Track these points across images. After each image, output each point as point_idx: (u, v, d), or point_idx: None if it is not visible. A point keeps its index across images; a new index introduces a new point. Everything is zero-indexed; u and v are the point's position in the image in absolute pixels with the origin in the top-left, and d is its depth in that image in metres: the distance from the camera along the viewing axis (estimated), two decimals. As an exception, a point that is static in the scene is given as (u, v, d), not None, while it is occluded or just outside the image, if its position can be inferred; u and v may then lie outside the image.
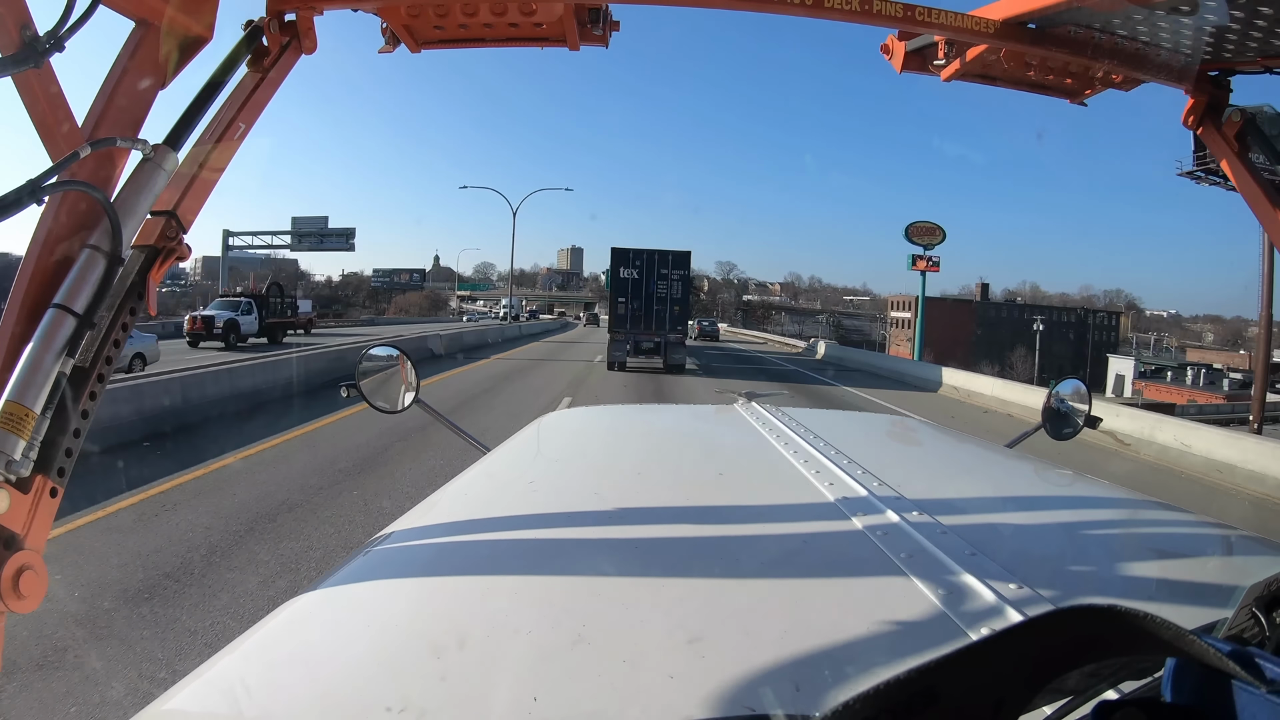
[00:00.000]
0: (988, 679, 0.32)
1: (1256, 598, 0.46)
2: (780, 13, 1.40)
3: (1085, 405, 1.77)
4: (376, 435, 7.74)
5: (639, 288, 17.25)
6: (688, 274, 18.23)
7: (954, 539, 0.82)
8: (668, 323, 17.20)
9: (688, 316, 18.58)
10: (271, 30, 1.17)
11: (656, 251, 17.86)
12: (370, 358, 1.77)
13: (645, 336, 17.00)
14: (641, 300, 17.19)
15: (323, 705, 0.59)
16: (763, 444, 1.35)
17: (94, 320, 0.88)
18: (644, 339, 16.98)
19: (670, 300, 17.29)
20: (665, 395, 13.33)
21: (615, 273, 17.66)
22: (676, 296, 17.39)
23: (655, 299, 17.22)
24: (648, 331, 17.04)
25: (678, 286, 17.47)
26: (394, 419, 3.75)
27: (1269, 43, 1.27)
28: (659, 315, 17.19)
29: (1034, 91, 1.65)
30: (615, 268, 17.71)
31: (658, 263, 17.42)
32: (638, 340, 16.93)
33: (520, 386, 13.72)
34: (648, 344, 17.00)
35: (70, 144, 0.87)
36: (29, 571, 0.78)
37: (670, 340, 17.13)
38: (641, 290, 17.22)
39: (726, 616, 0.69)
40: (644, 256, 17.52)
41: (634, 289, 17.25)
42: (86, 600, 3.68)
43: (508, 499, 1.12)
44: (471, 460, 1.42)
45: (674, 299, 17.34)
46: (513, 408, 10.37)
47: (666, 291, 17.28)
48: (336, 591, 0.83)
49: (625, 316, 17.13)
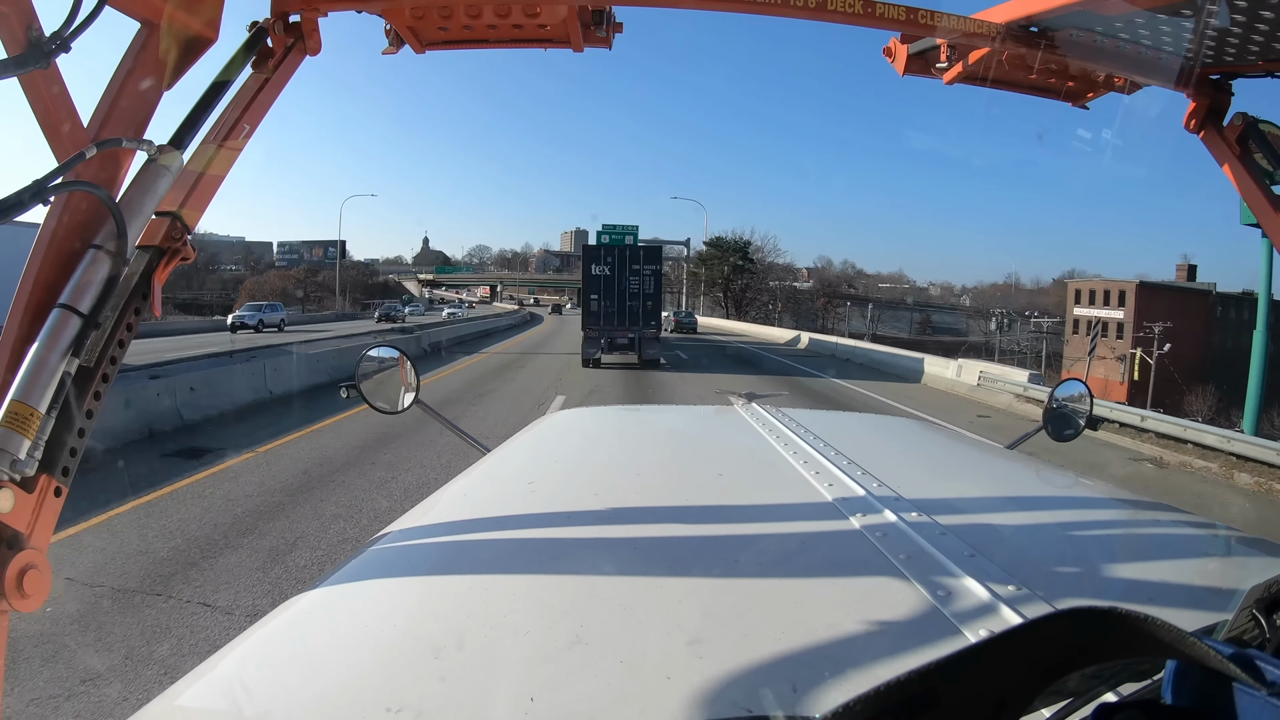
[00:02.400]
0: (988, 681, 0.32)
1: (1257, 600, 0.46)
2: (783, 15, 1.40)
3: (1086, 407, 1.77)
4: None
5: (611, 284, 17.21)
6: (660, 269, 18.21)
7: (953, 540, 0.82)
8: (641, 318, 17.20)
9: (661, 311, 18.62)
10: (276, 31, 1.17)
11: (628, 247, 18.10)
12: (370, 358, 1.78)
13: (619, 333, 17.01)
14: (614, 297, 17.17)
15: (322, 705, 0.59)
16: (762, 444, 1.36)
17: (99, 321, 0.88)
18: (618, 335, 17.00)
19: (643, 296, 17.29)
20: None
21: (587, 269, 17.59)
22: (649, 292, 17.38)
23: (628, 295, 17.21)
24: (621, 328, 17.05)
25: (650, 281, 17.44)
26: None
27: (1270, 46, 1.27)
28: (632, 311, 17.18)
29: (1036, 95, 1.65)
30: (587, 264, 17.66)
31: (629, 258, 17.42)
32: (611, 337, 16.93)
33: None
34: (621, 340, 17.04)
35: (75, 144, 0.88)
36: (33, 570, 0.79)
37: (645, 336, 17.14)
38: (614, 286, 17.19)
39: (725, 617, 0.69)
40: (615, 253, 17.60)
41: (606, 285, 17.21)
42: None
43: (507, 499, 1.12)
44: (472, 461, 1.43)
45: (646, 294, 17.33)
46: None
47: (639, 287, 17.25)
48: (336, 591, 0.83)
49: (598, 313, 17.09)
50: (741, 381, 15.07)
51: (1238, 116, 1.36)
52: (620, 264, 17.32)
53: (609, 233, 20.62)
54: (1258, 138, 1.33)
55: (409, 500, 1.42)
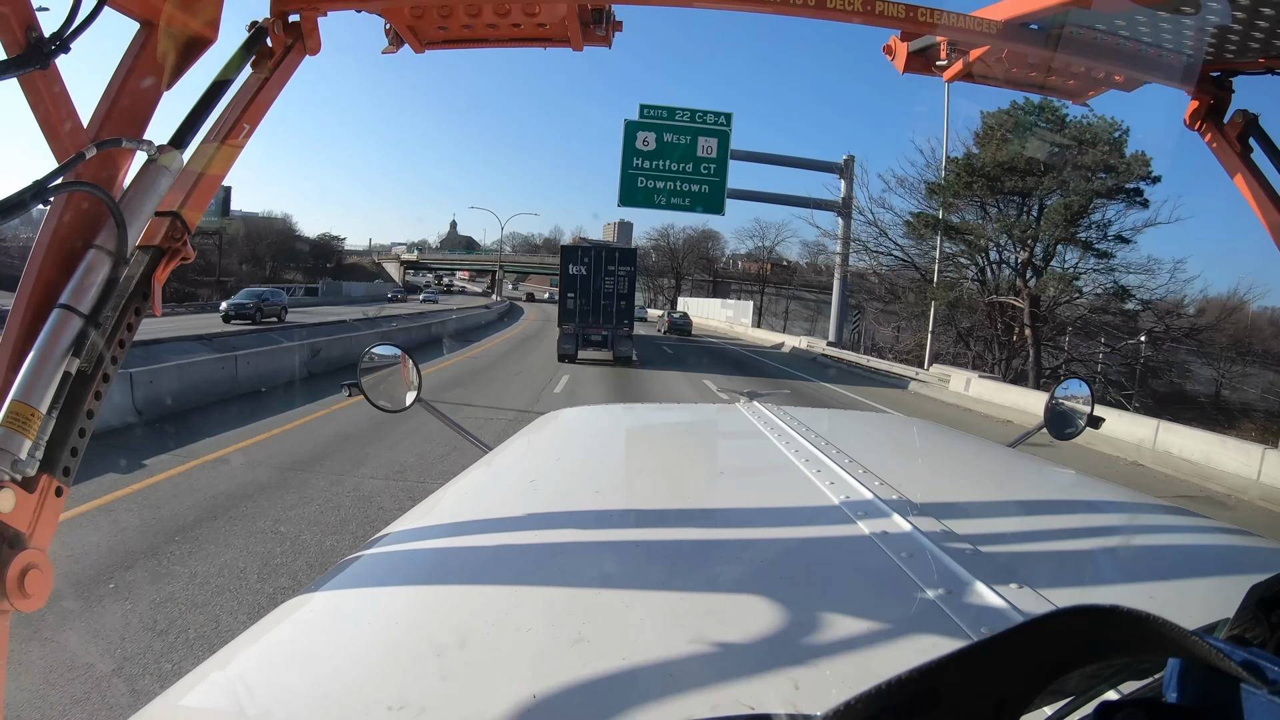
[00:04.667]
0: (989, 680, 0.32)
1: (1259, 598, 0.46)
2: (783, 14, 1.40)
3: (1087, 406, 1.77)
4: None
5: (587, 283, 17.81)
6: (634, 270, 18.89)
7: (955, 539, 0.82)
8: (614, 317, 17.83)
9: (634, 311, 19.35)
10: (276, 31, 1.17)
11: (604, 248, 19.04)
12: (372, 356, 1.78)
13: (593, 330, 17.65)
14: (590, 296, 17.78)
15: (324, 703, 0.59)
16: (764, 444, 1.36)
17: (99, 320, 0.88)
18: (592, 332, 17.63)
19: (617, 295, 17.93)
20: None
21: (564, 269, 18.19)
22: (623, 292, 18.03)
23: (603, 294, 17.84)
24: (595, 325, 17.67)
25: (624, 282, 18.09)
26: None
27: (1271, 43, 1.27)
28: (606, 310, 17.81)
29: (1036, 92, 1.65)
30: (564, 264, 18.26)
31: (605, 259, 18.11)
32: (586, 334, 17.58)
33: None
34: (595, 337, 17.66)
35: (76, 145, 0.88)
36: (34, 570, 0.78)
37: (618, 334, 17.82)
38: (590, 286, 17.81)
39: (727, 615, 0.69)
40: (592, 253, 18.32)
41: (582, 285, 17.80)
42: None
43: (509, 498, 1.12)
44: (473, 460, 1.43)
45: (620, 294, 17.97)
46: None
47: (614, 287, 17.89)
48: (337, 590, 0.84)
49: (574, 311, 17.68)
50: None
51: (1238, 114, 1.35)
52: (596, 265, 18.01)
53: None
54: (1259, 135, 1.33)
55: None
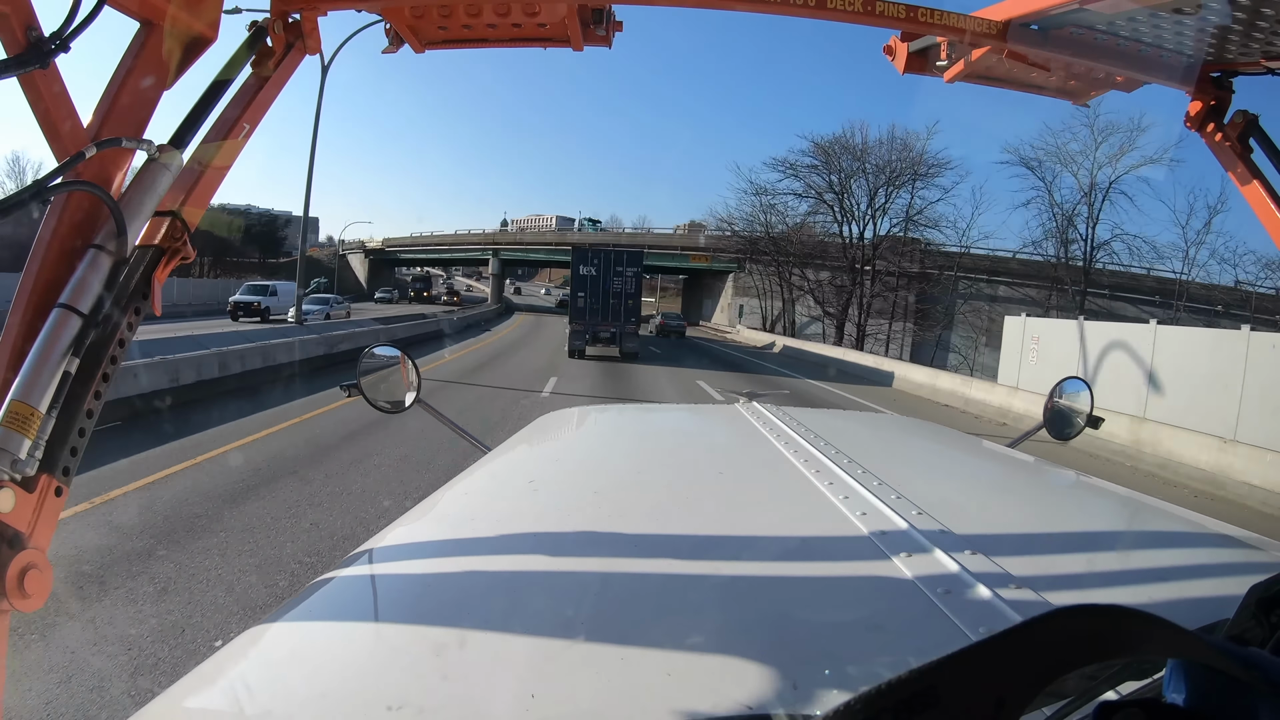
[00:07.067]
0: (988, 680, 0.32)
1: (1258, 599, 0.46)
2: (783, 14, 1.40)
3: (1087, 406, 1.77)
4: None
5: (597, 283, 18.54)
6: (641, 270, 19.65)
7: (954, 538, 0.82)
8: (622, 315, 18.61)
9: (640, 309, 20.06)
10: (276, 31, 1.17)
11: (613, 250, 19.68)
12: (372, 356, 1.78)
13: (602, 327, 18.41)
14: (599, 295, 18.52)
15: (323, 703, 0.59)
16: (764, 444, 1.36)
17: (99, 320, 0.88)
18: (601, 329, 18.40)
19: (625, 295, 18.69)
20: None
21: (575, 269, 18.84)
22: (630, 291, 18.81)
23: (611, 294, 18.59)
24: (604, 323, 18.43)
25: (632, 282, 18.91)
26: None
27: (1271, 43, 1.27)
28: (615, 308, 18.57)
29: (1036, 93, 1.65)
30: (575, 264, 18.98)
31: (614, 260, 18.88)
32: (596, 330, 18.30)
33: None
34: (605, 334, 18.43)
35: (75, 144, 0.88)
36: (33, 570, 0.79)
37: (625, 331, 18.59)
38: (600, 285, 18.54)
39: (726, 615, 0.69)
40: (602, 255, 19.10)
41: (592, 284, 18.52)
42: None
43: (508, 498, 1.12)
44: (473, 460, 1.43)
45: (628, 293, 18.77)
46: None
47: (622, 287, 18.66)
48: (338, 590, 0.84)
49: (584, 309, 18.43)
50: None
51: (1238, 114, 1.36)
52: (605, 265, 18.77)
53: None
54: (1259, 136, 1.33)
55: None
